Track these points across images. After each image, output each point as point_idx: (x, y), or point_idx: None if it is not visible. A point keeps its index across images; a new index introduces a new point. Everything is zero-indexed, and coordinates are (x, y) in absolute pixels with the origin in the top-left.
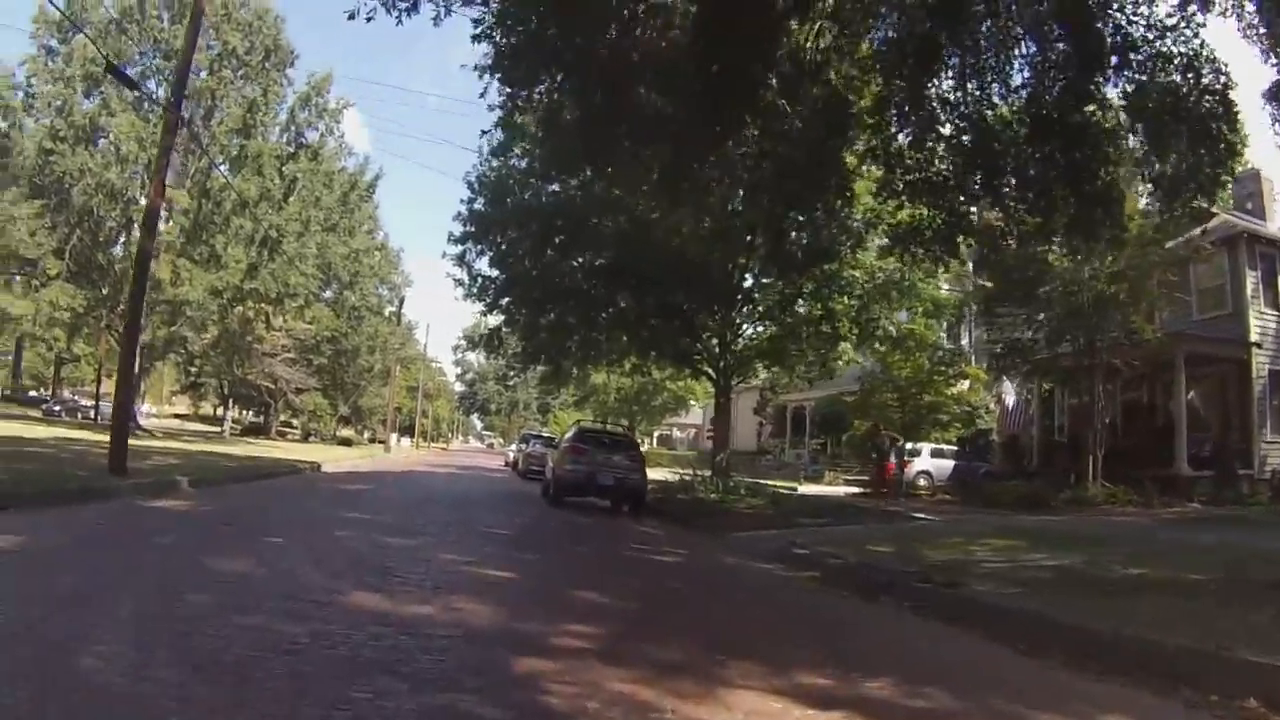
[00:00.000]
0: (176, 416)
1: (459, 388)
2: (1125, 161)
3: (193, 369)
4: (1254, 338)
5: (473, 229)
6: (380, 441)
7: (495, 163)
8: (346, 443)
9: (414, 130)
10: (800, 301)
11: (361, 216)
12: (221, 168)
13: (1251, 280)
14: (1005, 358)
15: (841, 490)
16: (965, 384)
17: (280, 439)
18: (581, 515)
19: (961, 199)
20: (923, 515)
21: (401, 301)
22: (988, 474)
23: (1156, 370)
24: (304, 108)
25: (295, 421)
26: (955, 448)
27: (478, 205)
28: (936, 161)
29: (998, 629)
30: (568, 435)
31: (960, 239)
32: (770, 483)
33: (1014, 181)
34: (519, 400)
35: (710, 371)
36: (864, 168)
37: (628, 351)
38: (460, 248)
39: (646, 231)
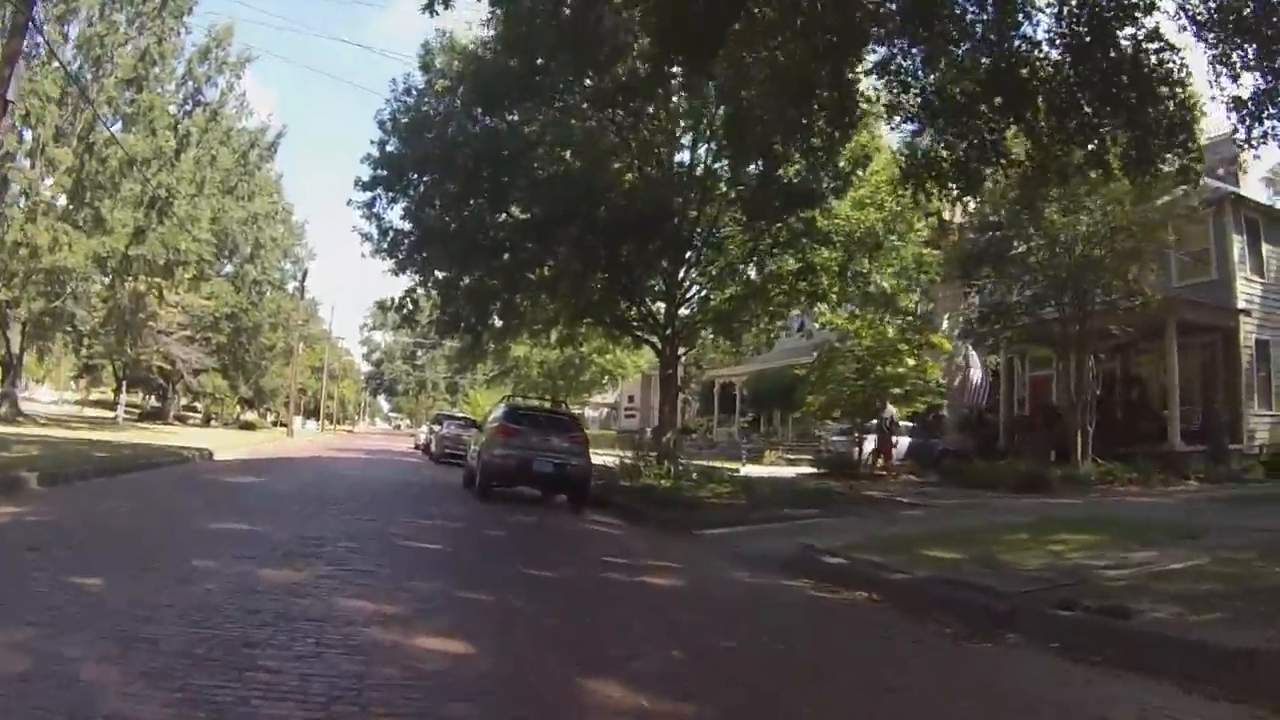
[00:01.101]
0: (78, 403)
1: (366, 368)
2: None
3: (82, 350)
4: (1241, 305)
5: (384, 173)
6: (284, 425)
7: (411, 100)
8: (249, 427)
9: (326, 95)
10: (772, 255)
11: (262, 180)
12: (109, 123)
13: (1238, 245)
14: (985, 323)
15: (790, 471)
16: (927, 356)
17: (180, 424)
18: (519, 511)
19: (987, 126)
20: (918, 501)
21: (305, 274)
22: (945, 452)
23: (1137, 339)
24: (203, 61)
25: (199, 405)
26: (910, 424)
27: (390, 147)
28: (951, 85)
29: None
30: (495, 414)
31: (988, 170)
32: (710, 463)
33: (1045, 108)
34: (427, 380)
35: (654, 340)
36: (871, 88)
37: (557, 319)
38: (368, 194)
39: (589, 178)
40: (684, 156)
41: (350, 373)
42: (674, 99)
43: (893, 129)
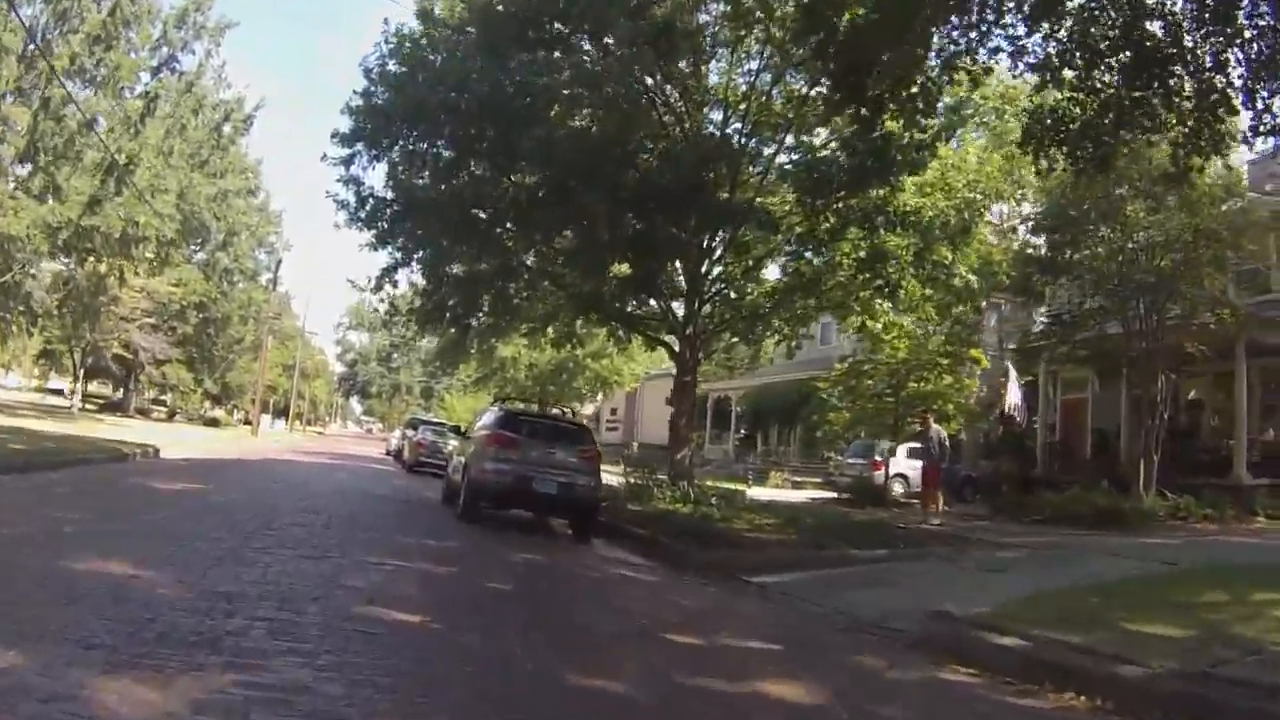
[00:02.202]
0: (36, 390)
1: (339, 369)
2: None
3: (34, 331)
4: None
5: (366, 126)
6: (250, 423)
7: (406, 48)
8: (214, 423)
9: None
10: (836, 238)
11: (236, 157)
12: (71, 83)
13: None
14: (1048, 336)
15: (800, 495)
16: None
17: (142, 418)
18: (516, 541)
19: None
20: (995, 539)
21: (278, 265)
22: (969, 479)
23: (1192, 359)
24: (180, 24)
25: (167, 399)
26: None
27: (378, 100)
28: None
29: None
30: (487, 420)
31: (1126, 135)
32: (715, 484)
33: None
34: (402, 384)
35: (669, 342)
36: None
37: (556, 313)
38: (346, 151)
39: (619, 132)
40: (723, 118)
41: (323, 373)
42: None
43: (1016, 76)
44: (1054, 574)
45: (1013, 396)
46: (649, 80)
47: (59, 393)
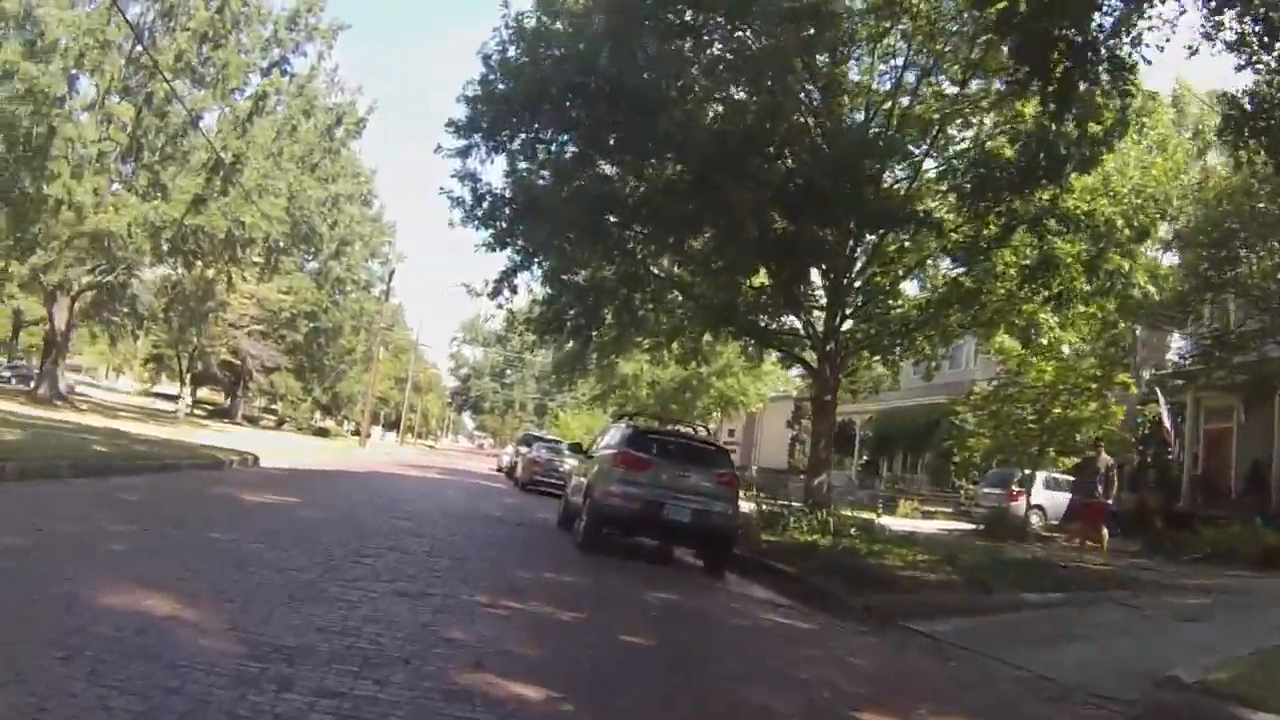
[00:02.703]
0: (149, 395)
1: (452, 383)
2: None
3: (140, 336)
4: None
5: (484, 114)
6: (359, 434)
7: (526, 33)
8: (323, 433)
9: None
10: (1001, 244)
11: (348, 161)
12: (176, 81)
13: None
14: (1209, 359)
15: (931, 526)
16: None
17: (250, 425)
18: (643, 577)
19: None
20: (1166, 581)
21: (391, 274)
22: (1111, 513)
23: None
24: (291, 26)
25: (277, 408)
26: (1070, 478)
27: (497, 87)
28: None
29: None
30: (612, 438)
31: None
32: (849, 513)
33: None
34: (515, 400)
35: (807, 358)
36: None
37: (684, 326)
38: (462, 142)
39: (768, 121)
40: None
41: (435, 387)
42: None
43: (1214, 54)
44: (1256, 625)
45: (1168, 424)
46: (794, 68)
47: (169, 398)
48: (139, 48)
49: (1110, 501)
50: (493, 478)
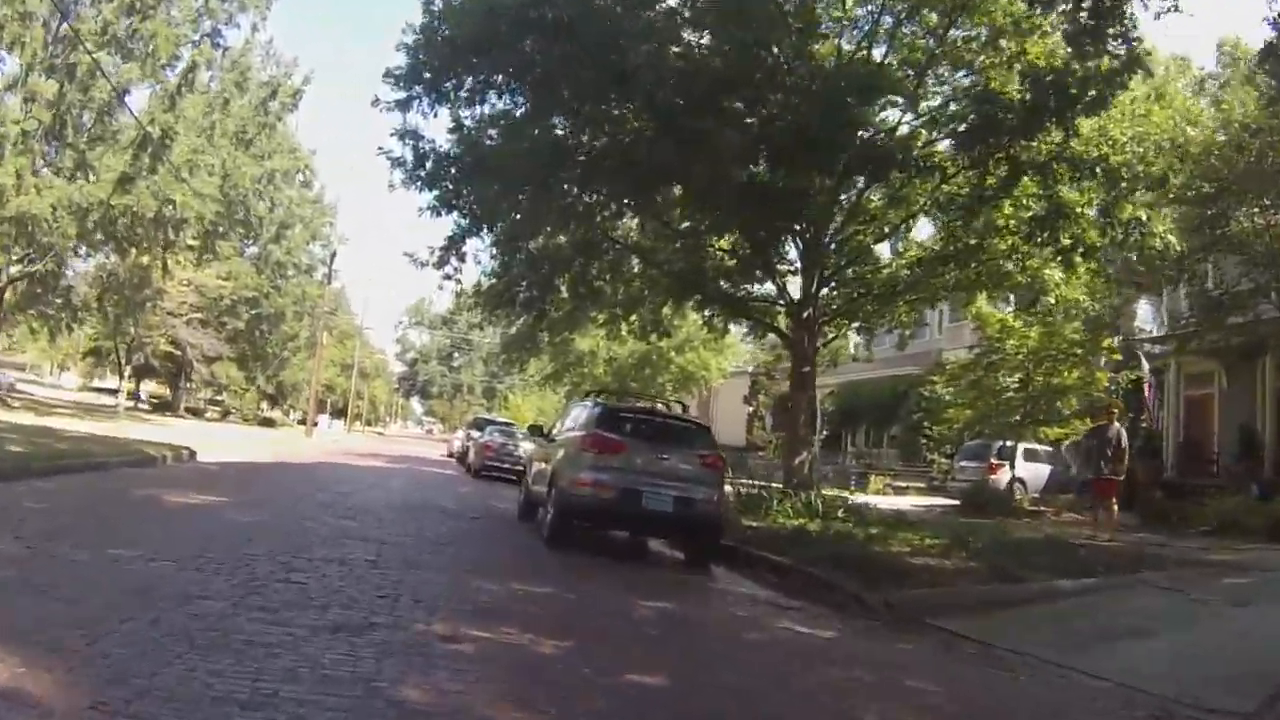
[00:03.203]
0: (89, 390)
1: (399, 368)
2: None
3: (74, 326)
4: None
5: (425, 63)
6: (305, 423)
7: None
8: (269, 424)
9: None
10: (1005, 192)
11: (284, 137)
12: (101, 54)
13: None
14: (1207, 320)
15: (906, 502)
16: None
17: (194, 418)
18: (626, 580)
19: None
20: (1201, 557)
21: (333, 256)
22: (1085, 484)
23: None
24: None
25: (222, 399)
26: (1050, 450)
27: (440, 35)
28: None
29: None
30: (578, 417)
31: None
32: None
33: None
34: (463, 383)
35: (782, 327)
36: None
37: (644, 295)
38: (402, 94)
39: (752, 57)
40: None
41: (382, 372)
42: None
43: None
44: None
45: (1148, 390)
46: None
47: (112, 393)
48: (62, 21)
49: (1121, 475)
50: (444, 464)
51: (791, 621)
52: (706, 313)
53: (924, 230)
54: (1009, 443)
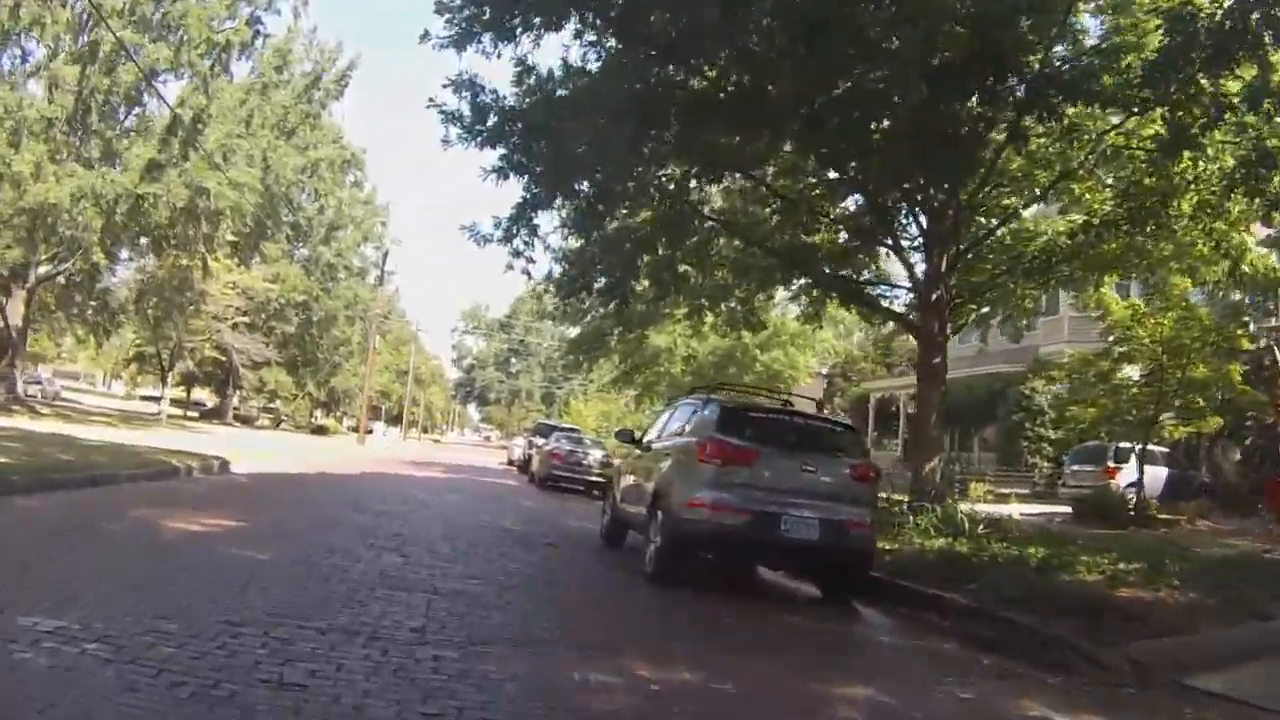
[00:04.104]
0: (132, 398)
1: (455, 374)
2: None
3: (110, 329)
4: None
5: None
6: (358, 430)
7: None
8: (321, 431)
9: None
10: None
11: (329, 129)
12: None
13: None
14: None
15: (1015, 510)
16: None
17: (244, 425)
18: (776, 636)
19: None
20: None
21: (385, 255)
22: (1204, 486)
23: None
24: None
25: (275, 406)
26: (1166, 451)
27: None
28: None
29: None
30: (685, 420)
31: None
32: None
33: None
34: (521, 389)
35: (903, 311)
36: None
37: (733, 285)
38: (459, 27)
39: None
40: None
41: (438, 379)
42: None
43: None
44: None
45: None
46: None
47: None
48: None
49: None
50: (503, 474)
51: (1044, 705)
52: (808, 300)
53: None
54: (1126, 444)
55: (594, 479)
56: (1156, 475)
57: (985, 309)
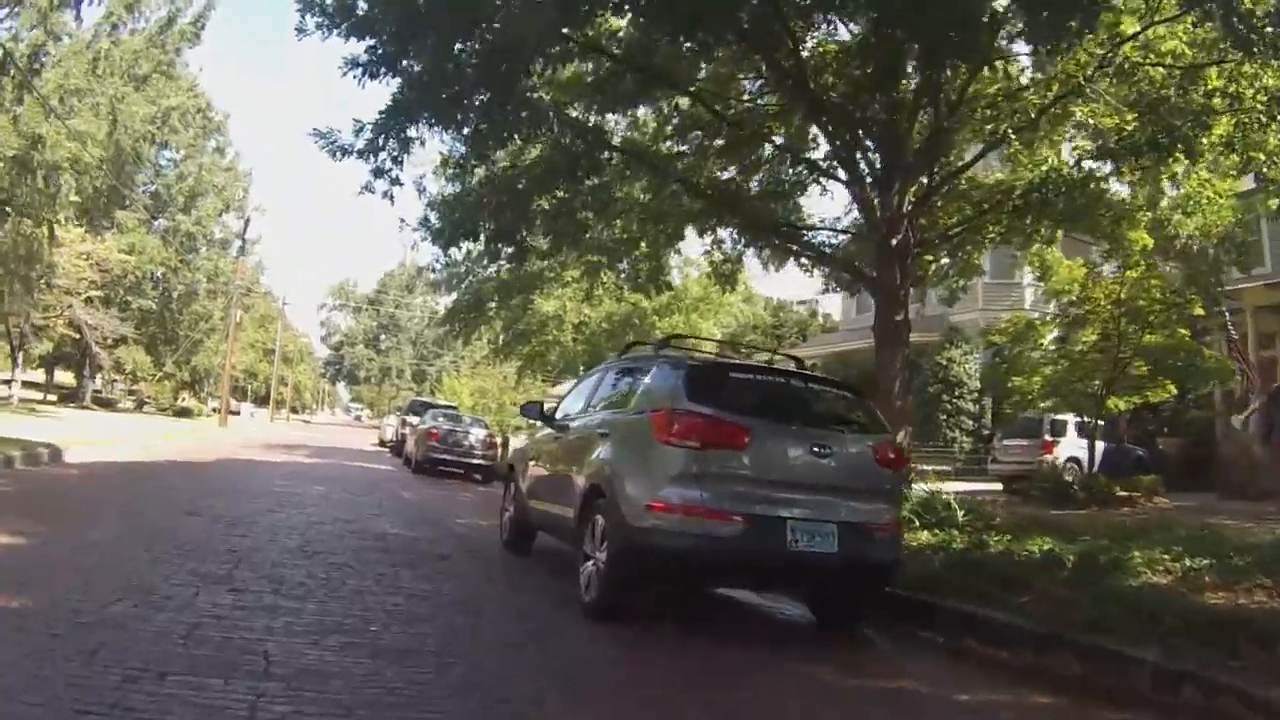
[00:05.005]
0: (28, 384)
1: (324, 353)
2: None
3: None
4: None
5: None
6: (228, 412)
7: None
8: (186, 414)
9: None
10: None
11: (185, 83)
12: None
13: None
14: None
15: (946, 487)
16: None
17: (103, 409)
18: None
19: None
20: None
21: (247, 223)
22: (1139, 460)
23: None
24: None
25: (139, 388)
26: (1085, 422)
27: None
28: None
29: None
30: (631, 383)
31: None
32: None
33: None
34: (392, 366)
35: (850, 262)
36: None
37: (641, 236)
38: None
39: None
40: None
41: (307, 358)
42: None
43: None
44: None
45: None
46: None
47: (31, 385)
48: None
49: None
50: (376, 456)
51: None
52: (725, 254)
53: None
54: (1061, 417)
55: (476, 461)
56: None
57: (945, 259)
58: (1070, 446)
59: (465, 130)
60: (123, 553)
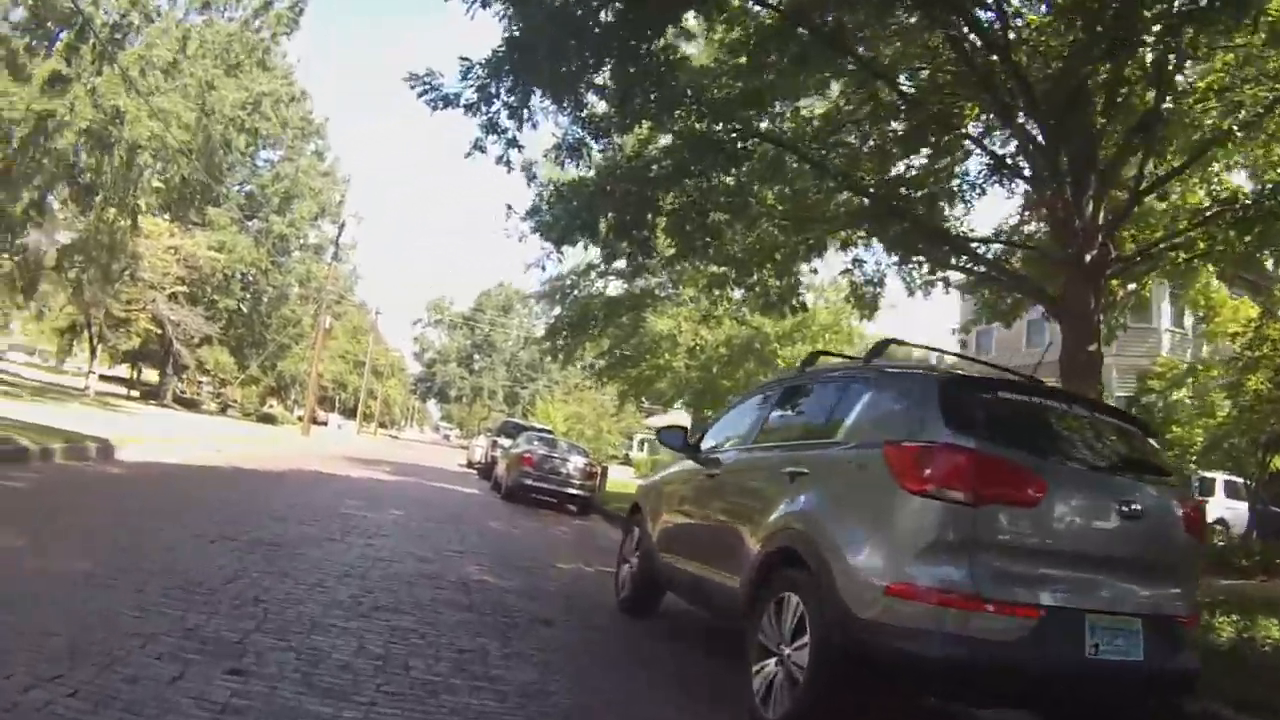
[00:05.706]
0: (103, 377)
1: (416, 369)
2: None
3: (26, 292)
4: None
5: None
6: (313, 421)
7: None
8: (269, 420)
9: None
10: None
11: (283, 71)
12: None
13: None
14: None
15: None
16: None
17: (184, 409)
18: None
19: None
20: None
21: (341, 228)
22: None
23: None
24: None
25: (225, 390)
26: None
27: None
28: None
29: None
30: (832, 405)
31: None
32: None
33: None
34: (484, 387)
35: (1017, 276)
36: None
37: (778, 243)
38: None
39: None
40: None
41: (398, 373)
42: None
43: None
44: None
45: None
46: None
47: (105, 378)
48: None
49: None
50: (462, 478)
51: None
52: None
53: None
54: (1209, 475)
55: (573, 492)
56: (1238, 509)
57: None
58: (1217, 507)
59: (587, 96)
60: (100, 594)
